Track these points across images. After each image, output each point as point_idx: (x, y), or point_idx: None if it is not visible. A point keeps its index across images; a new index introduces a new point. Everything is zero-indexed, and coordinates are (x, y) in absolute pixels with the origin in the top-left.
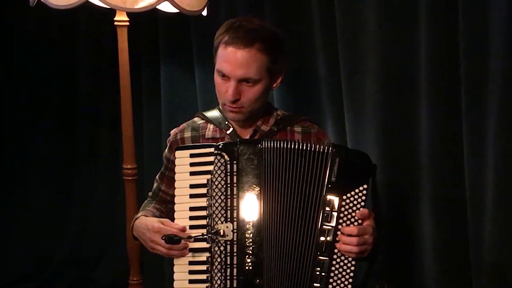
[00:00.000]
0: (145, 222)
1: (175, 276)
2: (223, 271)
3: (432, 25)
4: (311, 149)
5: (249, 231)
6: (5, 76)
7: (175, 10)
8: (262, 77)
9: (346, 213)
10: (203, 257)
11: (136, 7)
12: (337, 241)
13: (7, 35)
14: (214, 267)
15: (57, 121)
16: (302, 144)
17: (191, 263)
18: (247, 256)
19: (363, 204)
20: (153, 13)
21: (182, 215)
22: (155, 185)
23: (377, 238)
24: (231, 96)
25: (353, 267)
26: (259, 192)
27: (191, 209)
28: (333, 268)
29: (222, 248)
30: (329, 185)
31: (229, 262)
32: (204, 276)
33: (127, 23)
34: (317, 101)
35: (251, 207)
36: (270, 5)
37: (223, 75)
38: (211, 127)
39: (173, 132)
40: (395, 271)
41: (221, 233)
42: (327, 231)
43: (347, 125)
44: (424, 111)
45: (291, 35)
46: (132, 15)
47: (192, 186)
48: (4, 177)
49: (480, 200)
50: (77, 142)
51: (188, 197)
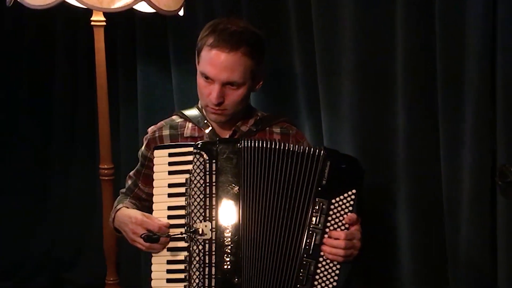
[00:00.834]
0: (128, 213)
1: (153, 275)
2: (201, 270)
3: (408, 25)
4: (302, 151)
5: (228, 230)
6: None
7: (152, 10)
8: (246, 81)
9: (334, 216)
10: (181, 256)
11: (112, 7)
12: (324, 244)
13: None
14: (192, 266)
15: (33, 121)
16: (290, 145)
17: (169, 262)
18: (226, 255)
19: (351, 208)
20: (129, 13)
21: (160, 214)
22: (130, 181)
23: (363, 243)
24: (215, 99)
25: (337, 271)
26: (238, 191)
27: (170, 208)
28: (318, 271)
29: (200, 247)
30: (319, 188)
31: (207, 261)
32: (182, 275)
33: (104, 23)
34: (294, 101)
35: (230, 206)
36: (247, 6)
37: (207, 78)
38: (189, 125)
39: (150, 129)
40: (372, 271)
41: (200, 232)
42: (314, 233)
43: (323, 125)
44: (400, 112)
45: (268, 36)
46: (108, 15)
47: (170, 185)
48: None
49: (456, 200)
50: (53, 142)
51: (166, 196)
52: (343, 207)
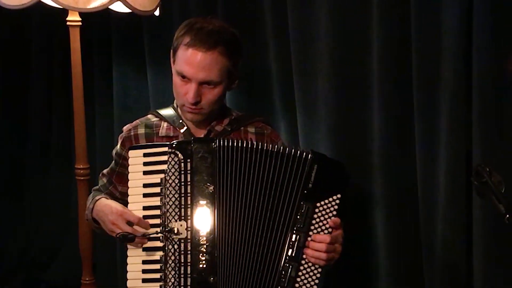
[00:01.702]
0: (108, 204)
1: (129, 275)
2: (177, 269)
3: (384, 25)
4: (288, 152)
5: (203, 229)
6: None
7: (128, 10)
8: (222, 80)
9: (318, 220)
10: (157, 256)
11: (88, 7)
12: (307, 247)
13: None
14: (168, 265)
15: (8, 121)
16: (275, 146)
17: (144, 262)
18: (201, 254)
19: (335, 213)
20: (105, 13)
21: (136, 214)
22: (104, 179)
23: (344, 247)
24: (192, 98)
25: (319, 274)
26: (213, 190)
27: (145, 208)
28: (300, 273)
29: (176, 246)
30: (304, 191)
31: (183, 260)
32: (157, 275)
33: (80, 23)
34: (270, 101)
35: (205, 205)
36: (222, 6)
37: (184, 77)
38: (165, 125)
39: (126, 128)
40: (347, 271)
41: (175, 231)
42: (298, 236)
43: (299, 125)
44: (376, 111)
45: (244, 36)
46: (84, 15)
47: (145, 185)
48: None
49: (432, 199)
50: (29, 142)
51: (141, 196)
52: (327, 211)
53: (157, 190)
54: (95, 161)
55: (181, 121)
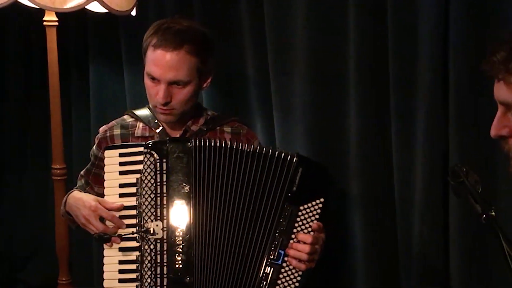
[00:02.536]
0: (81, 197)
1: (105, 275)
2: (153, 269)
3: (360, 26)
4: (271, 154)
5: (179, 229)
6: None
7: (104, 10)
8: (192, 79)
9: (301, 223)
10: (133, 256)
11: (65, 7)
12: (290, 248)
13: None
14: (144, 265)
15: None
16: (258, 147)
17: (121, 262)
18: (177, 254)
19: (317, 216)
20: (82, 13)
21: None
22: (82, 180)
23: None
24: (162, 99)
25: (299, 277)
26: (188, 190)
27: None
28: (281, 275)
29: (152, 246)
30: (289, 194)
31: (159, 260)
32: (134, 275)
33: (56, 23)
34: (246, 101)
35: (181, 205)
36: (198, 6)
37: (153, 78)
38: (140, 125)
39: (102, 129)
40: (325, 271)
41: (151, 232)
42: (281, 239)
43: (276, 125)
44: (353, 111)
45: (220, 36)
46: (61, 15)
47: (121, 185)
48: None
49: (409, 199)
50: (5, 142)
51: (117, 196)
52: (310, 214)
53: (133, 190)
54: (72, 161)
55: (156, 121)
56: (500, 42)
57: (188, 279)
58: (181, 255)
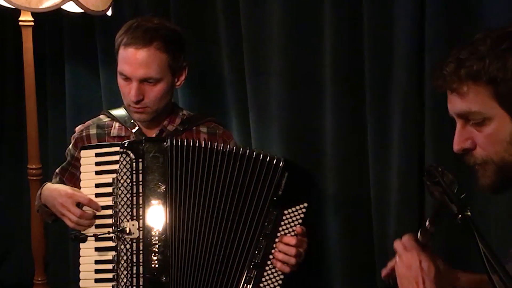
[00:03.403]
0: (56, 187)
1: (81, 275)
2: (129, 269)
3: (336, 25)
4: (256, 156)
5: (155, 229)
6: None
7: (80, 10)
8: (163, 76)
9: (285, 227)
10: (109, 256)
11: (41, 7)
12: (276, 250)
13: None
14: (120, 265)
15: None
16: (242, 148)
17: (97, 262)
18: (153, 254)
19: (300, 221)
20: (58, 13)
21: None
22: (57, 178)
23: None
24: (134, 97)
25: (281, 281)
26: (164, 190)
27: None
28: (263, 279)
29: (128, 246)
30: (274, 198)
31: (135, 260)
32: (110, 275)
33: (32, 23)
34: (222, 101)
35: (157, 205)
36: (174, 6)
37: (125, 77)
38: (116, 125)
39: (78, 128)
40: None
41: (127, 231)
42: (264, 241)
43: (251, 125)
44: (328, 112)
45: (196, 35)
46: (37, 15)
47: (97, 185)
48: None
49: (384, 200)
50: None
51: (94, 196)
52: (294, 218)
53: (109, 190)
54: (48, 161)
55: (132, 121)
56: (445, 57)
57: (164, 278)
58: (157, 254)
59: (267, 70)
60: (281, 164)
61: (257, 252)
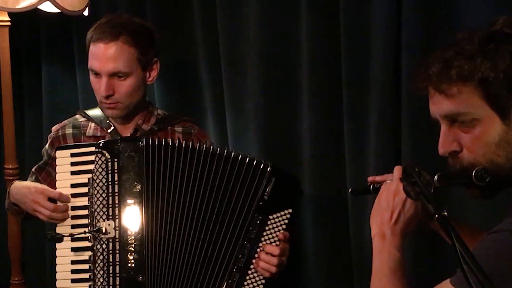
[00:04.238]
0: (26, 185)
1: (58, 275)
2: (105, 269)
3: (313, 25)
4: (241, 159)
5: (131, 229)
6: None
7: (57, 10)
8: (132, 70)
9: (269, 232)
10: (86, 255)
11: (17, 7)
12: (258, 258)
13: None
14: (96, 265)
15: None
16: (226, 150)
17: (73, 262)
18: (129, 253)
19: (284, 227)
20: (34, 13)
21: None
22: (34, 177)
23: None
24: (104, 91)
25: (262, 286)
26: (140, 189)
27: (73, 208)
28: (245, 283)
29: (104, 246)
30: (260, 202)
31: (111, 259)
32: (86, 275)
33: (9, 23)
34: (199, 101)
35: (132, 204)
36: (151, 5)
37: (96, 73)
38: (92, 125)
39: (54, 128)
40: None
41: (103, 231)
42: (248, 246)
43: (228, 125)
44: (305, 112)
45: (173, 35)
46: (13, 14)
47: (73, 185)
48: None
49: (361, 199)
50: None
51: (69, 196)
52: (278, 224)
53: (85, 190)
54: (24, 161)
55: (108, 121)
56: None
57: (140, 278)
58: (133, 254)
59: (244, 70)
60: (268, 169)
61: (240, 256)
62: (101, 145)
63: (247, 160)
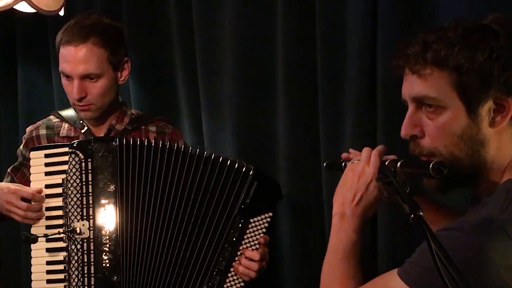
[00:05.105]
0: None
1: (33, 276)
2: (80, 269)
3: (288, 25)
4: (223, 161)
5: (106, 228)
6: None
7: (33, 10)
8: (104, 71)
9: (249, 235)
10: (61, 256)
11: None
12: (238, 263)
13: None
14: (71, 265)
15: None
16: (208, 151)
17: (48, 263)
18: (104, 253)
19: (264, 230)
20: (10, 12)
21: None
22: (9, 178)
23: None
24: (76, 94)
25: None
26: (114, 189)
27: (47, 209)
28: (225, 285)
29: (79, 246)
30: (242, 206)
31: (86, 260)
32: (61, 275)
33: None
34: (174, 101)
35: (107, 204)
36: (127, 6)
37: (67, 76)
38: (66, 126)
39: (28, 129)
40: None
41: (78, 231)
42: (229, 248)
43: (204, 125)
44: (281, 112)
45: (149, 34)
46: None
47: (47, 186)
48: None
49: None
50: None
51: (44, 197)
52: (259, 227)
53: (59, 190)
54: (0, 162)
55: (81, 121)
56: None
57: (115, 278)
58: (108, 254)
59: (219, 70)
60: (251, 172)
61: (221, 259)
62: (74, 145)
63: (228, 162)
